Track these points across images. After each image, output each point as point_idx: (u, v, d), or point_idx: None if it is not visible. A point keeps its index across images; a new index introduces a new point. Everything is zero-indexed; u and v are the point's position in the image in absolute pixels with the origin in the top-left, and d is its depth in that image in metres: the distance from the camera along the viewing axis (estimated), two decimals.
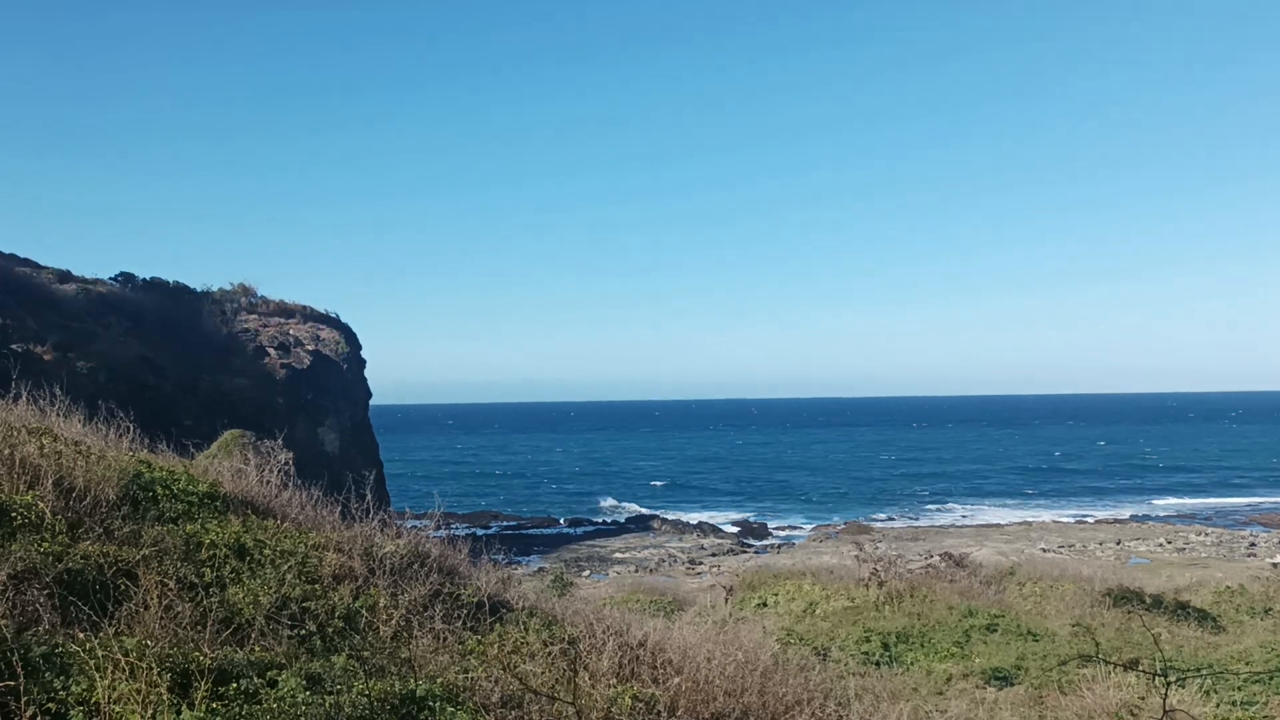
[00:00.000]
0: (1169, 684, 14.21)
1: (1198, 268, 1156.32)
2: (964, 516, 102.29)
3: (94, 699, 6.32)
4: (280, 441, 16.19)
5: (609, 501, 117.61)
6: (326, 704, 7.12)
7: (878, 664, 19.20)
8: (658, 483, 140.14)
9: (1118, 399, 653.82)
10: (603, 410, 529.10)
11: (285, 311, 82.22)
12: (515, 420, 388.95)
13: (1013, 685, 17.28)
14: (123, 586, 8.40)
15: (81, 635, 7.03)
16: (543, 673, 8.74)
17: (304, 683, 7.39)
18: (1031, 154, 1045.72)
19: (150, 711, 6.30)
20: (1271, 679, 16.94)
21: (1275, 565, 45.90)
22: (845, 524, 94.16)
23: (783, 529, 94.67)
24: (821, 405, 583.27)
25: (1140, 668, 15.17)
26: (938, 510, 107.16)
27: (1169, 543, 79.39)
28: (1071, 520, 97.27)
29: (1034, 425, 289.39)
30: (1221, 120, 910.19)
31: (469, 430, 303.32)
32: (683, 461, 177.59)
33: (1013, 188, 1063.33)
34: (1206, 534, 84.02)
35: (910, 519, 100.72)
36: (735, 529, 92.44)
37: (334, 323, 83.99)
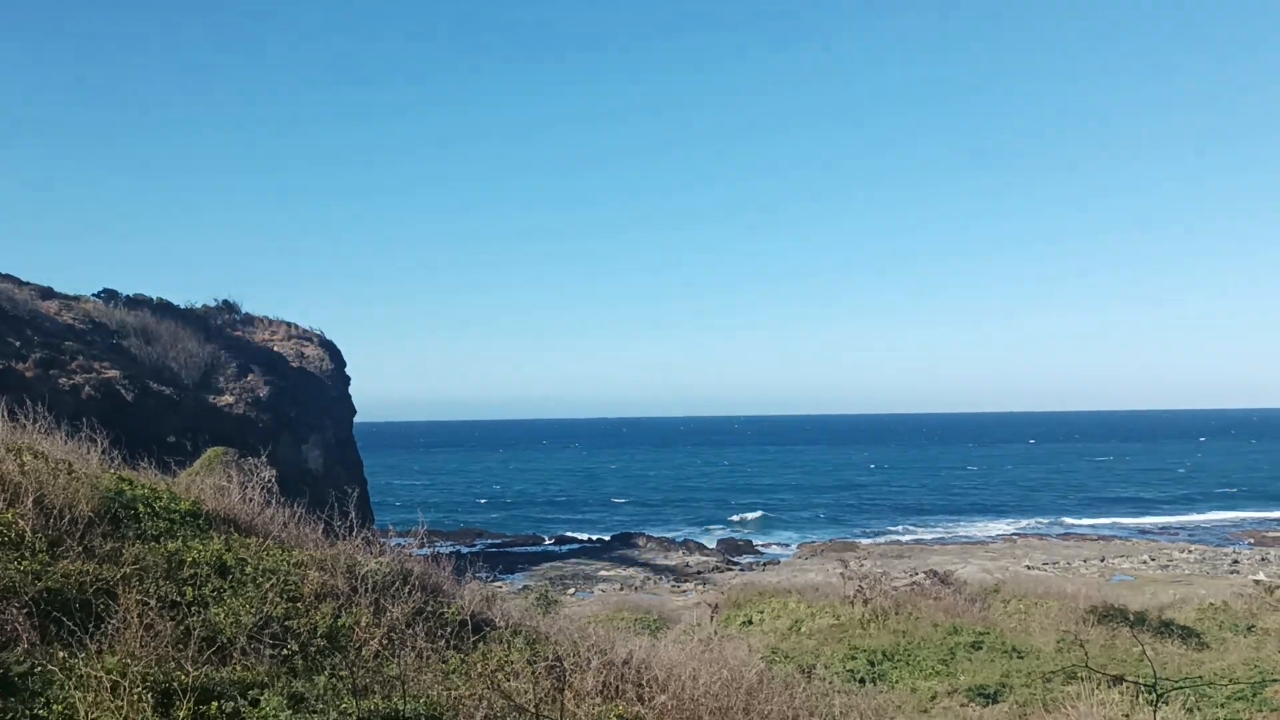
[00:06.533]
0: (1156, 699, 14.28)
1: (1188, 283, 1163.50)
2: (949, 533, 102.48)
3: (75, 718, 6.27)
4: (263, 459, 16.11)
5: (594, 519, 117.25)
6: None
7: (863, 682, 19.18)
8: (643, 500, 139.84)
9: (1102, 416, 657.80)
10: (585, 427, 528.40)
11: (269, 328, 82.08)
12: (498, 438, 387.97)
13: (997, 703, 17.30)
14: (103, 605, 8.33)
15: (62, 654, 6.97)
16: (527, 691, 8.70)
17: (286, 702, 7.35)
18: (1027, 164, 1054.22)
19: None
20: (1254, 695, 17.02)
21: (1258, 582, 46.21)
22: (831, 541, 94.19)
23: (768, 546, 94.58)
24: (806, 422, 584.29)
25: (1125, 683, 15.22)
26: (923, 527, 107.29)
27: (1152, 559, 79.75)
28: (1056, 537, 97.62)
29: (1017, 443, 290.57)
30: (1223, 117, 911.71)
31: (453, 448, 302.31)
32: (668, 479, 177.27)
33: (1008, 201, 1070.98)
34: (1190, 551, 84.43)
35: (895, 536, 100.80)
36: (720, 547, 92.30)
37: (318, 340, 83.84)
